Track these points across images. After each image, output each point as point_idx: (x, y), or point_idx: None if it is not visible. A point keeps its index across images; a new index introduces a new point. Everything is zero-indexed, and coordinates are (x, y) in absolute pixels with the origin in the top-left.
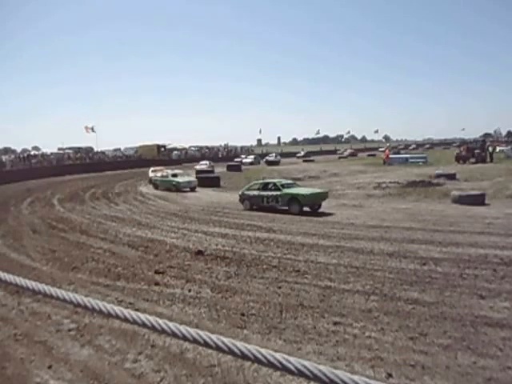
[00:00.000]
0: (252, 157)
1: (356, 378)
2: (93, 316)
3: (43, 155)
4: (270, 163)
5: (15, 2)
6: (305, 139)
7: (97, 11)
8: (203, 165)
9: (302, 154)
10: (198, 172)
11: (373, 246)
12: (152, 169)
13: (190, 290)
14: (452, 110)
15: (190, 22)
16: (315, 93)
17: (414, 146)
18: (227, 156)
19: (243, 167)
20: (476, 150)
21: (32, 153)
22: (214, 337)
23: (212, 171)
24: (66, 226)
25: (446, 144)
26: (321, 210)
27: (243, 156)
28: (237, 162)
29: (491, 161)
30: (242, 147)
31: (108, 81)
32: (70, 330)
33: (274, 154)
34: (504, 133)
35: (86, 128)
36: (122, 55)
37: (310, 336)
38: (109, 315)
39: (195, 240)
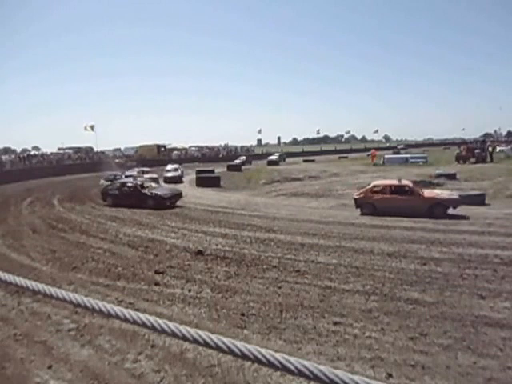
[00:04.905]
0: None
1: (356, 378)
2: (93, 316)
3: (43, 155)
4: (269, 163)
5: (15, 2)
6: (305, 139)
7: (97, 11)
8: (170, 170)
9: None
10: (199, 172)
11: (373, 246)
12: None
13: (190, 290)
14: (452, 110)
15: (191, 22)
16: (315, 93)
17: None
18: (227, 156)
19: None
20: (476, 150)
21: (32, 153)
22: (214, 337)
23: (213, 171)
24: (66, 225)
25: (446, 144)
26: (321, 208)
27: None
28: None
29: (491, 161)
30: (242, 147)
31: (108, 80)
32: (69, 330)
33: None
34: (504, 133)
35: (86, 127)
36: (122, 55)
37: (310, 336)
38: (109, 315)
39: (195, 240)
